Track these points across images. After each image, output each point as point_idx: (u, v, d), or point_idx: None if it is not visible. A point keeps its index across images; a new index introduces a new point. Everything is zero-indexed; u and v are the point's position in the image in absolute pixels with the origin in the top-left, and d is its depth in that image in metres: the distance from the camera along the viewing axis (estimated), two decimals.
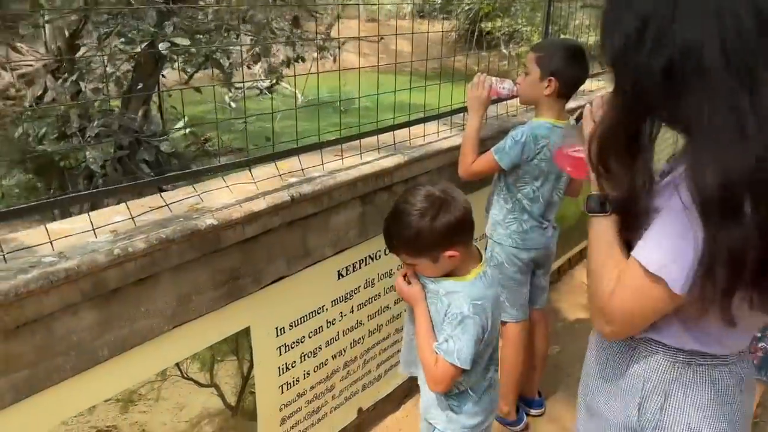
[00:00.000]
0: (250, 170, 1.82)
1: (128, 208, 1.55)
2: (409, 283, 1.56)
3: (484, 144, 2.30)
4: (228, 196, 1.73)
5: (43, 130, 3.95)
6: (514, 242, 2.31)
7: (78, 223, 1.50)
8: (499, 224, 2.34)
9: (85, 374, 1.42)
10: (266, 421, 1.96)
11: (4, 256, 1.26)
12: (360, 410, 2.41)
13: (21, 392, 1.30)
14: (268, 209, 1.72)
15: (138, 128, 4.61)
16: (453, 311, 1.45)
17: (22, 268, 1.28)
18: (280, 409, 2.01)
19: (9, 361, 1.27)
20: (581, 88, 2.36)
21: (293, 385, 2.03)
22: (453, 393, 1.58)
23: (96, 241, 1.43)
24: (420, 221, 1.42)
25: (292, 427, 2.08)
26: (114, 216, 1.59)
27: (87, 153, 4.07)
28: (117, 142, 4.36)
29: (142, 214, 1.58)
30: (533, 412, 2.67)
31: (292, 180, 1.89)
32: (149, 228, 1.52)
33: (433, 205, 1.43)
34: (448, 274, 1.51)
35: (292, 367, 2.01)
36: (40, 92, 4.06)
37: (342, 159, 2.07)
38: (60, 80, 4.12)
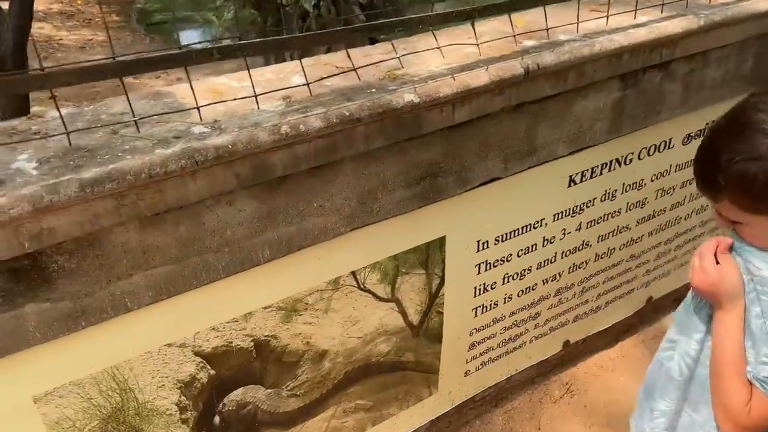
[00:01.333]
0: (473, 24, 1.28)
1: (303, 69, 1.15)
2: (717, 262, 0.94)
3: None
4: (438, 62, 1.25)
5: None
6: None
7: (247, 81, 1.14)
8: None
9: (240, 276, 1.14)
10: (452, 344, 1.61)
11: (136, 122, 0.95)
12: (566, 343, 1.96)
13: (161, 291, 1.06)
14: (490, 85, 1.21)
15: None
16: None
17: (165, 138, 0.97)
18: (471, 334, 1.65)
19: (147, 254, 1.02)
20: None
21: (490, 309, 1.64)
22: None
23: (262, 111, 1.08)
24: None
25: (482, 353, 1.72)
26: (292, 76, 1.22)
27: None
28: None
29: (325, 78, 1.18)
30: None
31: (529, 44, 1.33)
32: (330, 99, 1.12)
33: None
34: None
35: (492, 288, 1.59)
36: None
37: (607, 17, 1.43)
38: None
